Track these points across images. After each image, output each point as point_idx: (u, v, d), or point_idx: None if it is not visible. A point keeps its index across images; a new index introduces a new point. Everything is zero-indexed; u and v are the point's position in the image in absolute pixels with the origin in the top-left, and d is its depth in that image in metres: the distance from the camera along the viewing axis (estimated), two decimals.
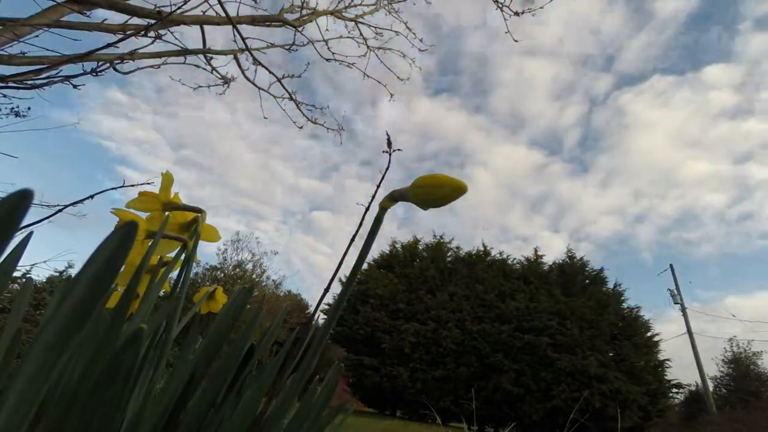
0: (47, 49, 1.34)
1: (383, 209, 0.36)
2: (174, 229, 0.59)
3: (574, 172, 31.33)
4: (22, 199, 0.17)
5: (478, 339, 9.77)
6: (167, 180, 0.57)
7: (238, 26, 1.91)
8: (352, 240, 0.57)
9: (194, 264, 0.55)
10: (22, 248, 0.37)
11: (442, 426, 7.77)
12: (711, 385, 12.92)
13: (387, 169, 0.51)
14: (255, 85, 2.60)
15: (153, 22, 1.49)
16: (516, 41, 2.74)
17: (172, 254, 0.56)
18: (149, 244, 0.54)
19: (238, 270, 16.71)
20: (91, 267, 0.21)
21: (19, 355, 0.40)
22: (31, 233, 0.40)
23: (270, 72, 2.55)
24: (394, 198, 0.35)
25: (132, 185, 1.07)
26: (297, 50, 2.57)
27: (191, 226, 0.59)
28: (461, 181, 0.31)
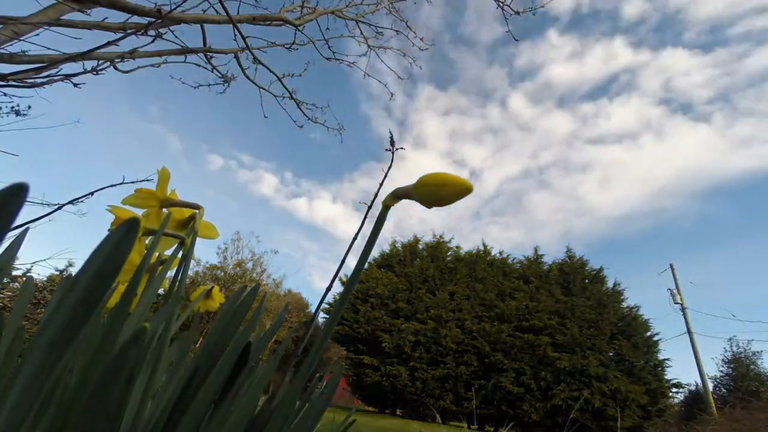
0: (48, 48, 1.33)
1: (386, 207, 0.36)
2: (171, 226, 0.58)
3: None
4: (16, 194, 0.16)
5: (478, 338, 9.77)
6: (164, 176, 0.56)
7: (239, 25, 1.90)
8: (354, 239, 0.56)
9: (194, 263, 0.54)
10: (18, 245, 0.37)
11: (443, 425, 7.77)
12: (711, 385, 12.92)
13: (390, 167, 0.50)
14: (255, 84, 2.60)
15: (153, 20, 1.48)
16: (516, 40, 2.74)
17: (169, 251, 0.56)
18: (146, 241, 0.54)
19: (238, 269, 16.74)
20: (92, 265, 0.21)
21: (21, 354, 0.39)
22: (27, 229, 0.39)
23: (270, 71, 2.55)
24: (397, 196, 0.35)
25: (131, 182, 1.07)
26: (297, 49, 2.57)
27: (189, 223, 0.59)
28: (466, 180, 0.30)
